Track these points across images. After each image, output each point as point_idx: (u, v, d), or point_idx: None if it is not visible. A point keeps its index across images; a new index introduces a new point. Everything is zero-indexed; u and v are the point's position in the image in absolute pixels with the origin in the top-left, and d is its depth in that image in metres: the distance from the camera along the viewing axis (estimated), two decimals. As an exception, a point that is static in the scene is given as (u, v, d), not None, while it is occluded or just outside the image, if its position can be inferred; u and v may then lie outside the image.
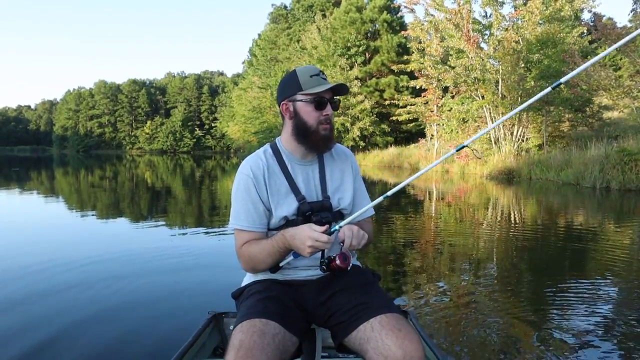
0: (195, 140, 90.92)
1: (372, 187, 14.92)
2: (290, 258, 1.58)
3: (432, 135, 25.32)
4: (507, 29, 18.54)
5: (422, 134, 27.88)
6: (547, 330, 3.03)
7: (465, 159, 20.03)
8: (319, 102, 1.57)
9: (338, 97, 1.65)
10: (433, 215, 8.82)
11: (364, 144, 31.48)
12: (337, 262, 1.48)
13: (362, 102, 30.84)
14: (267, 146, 1.71)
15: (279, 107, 1.66)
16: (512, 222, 7.96)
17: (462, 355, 2.68)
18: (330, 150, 1.70)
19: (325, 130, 1.60)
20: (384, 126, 31.38)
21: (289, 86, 1.61)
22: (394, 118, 27.97)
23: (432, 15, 21.18)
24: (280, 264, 1.60)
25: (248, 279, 1.73)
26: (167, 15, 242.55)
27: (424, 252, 5.53)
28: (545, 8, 17.90)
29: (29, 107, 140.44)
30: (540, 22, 18.19)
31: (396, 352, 1.33)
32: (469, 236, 6.60)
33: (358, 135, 31.13)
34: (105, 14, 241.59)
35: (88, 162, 38.61)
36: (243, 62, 57.41)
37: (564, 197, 11.82)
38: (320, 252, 1.56)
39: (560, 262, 5.14)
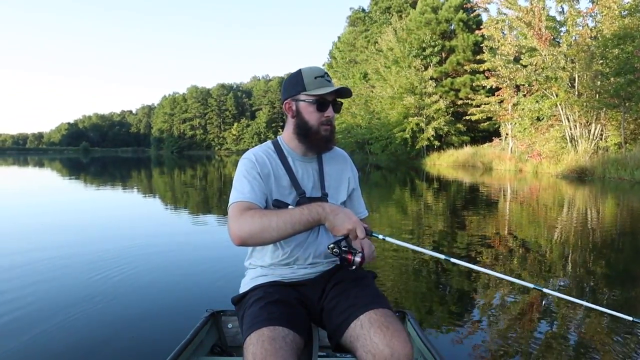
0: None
1: (447, 185, 15.21)
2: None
3: (507, 134, 24.98)
4: (583, 25, 18.08)
5: (498, 133, 27.49)
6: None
7: (538, 158, 19.77)
8: (321, 103, 1.60)
9: (341, 100, 1.67)
10: (506, 213, 8.86)
11: (438, 144, 31.56)
12: (357, 258, 1.46)
13: (436, 102, 30.95)
14: (269, 142, 1.74)
15: (283, 105, 1.70)
16: (574, 221, 7.89)
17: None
18: (330, 151, 1.75)
19: (326, 131, 1.63)
20: (459, 125, 31.18)
21: (293, 85, 1.64)
22: (468, 117, 27.83)
23: (504, 14, 21.08)
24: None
25: (247, 284, 1.69)
26: (250, 15, 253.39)
27: (490, 248, 5.43)
28: (625, 1, 17.25)
29: (130, 112, 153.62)
30: (621, 14, 17.52)
31: (384, 350, 1.32)
32: (535, 235, 6.47)
33: (433, 135, 31.27)
34: (194, 19, 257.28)
35: (180, 162, 41.05)
36: (323, 65, 58.93)
37: (635, 195, 11.62)
38: (338, 240, 1.51)
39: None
